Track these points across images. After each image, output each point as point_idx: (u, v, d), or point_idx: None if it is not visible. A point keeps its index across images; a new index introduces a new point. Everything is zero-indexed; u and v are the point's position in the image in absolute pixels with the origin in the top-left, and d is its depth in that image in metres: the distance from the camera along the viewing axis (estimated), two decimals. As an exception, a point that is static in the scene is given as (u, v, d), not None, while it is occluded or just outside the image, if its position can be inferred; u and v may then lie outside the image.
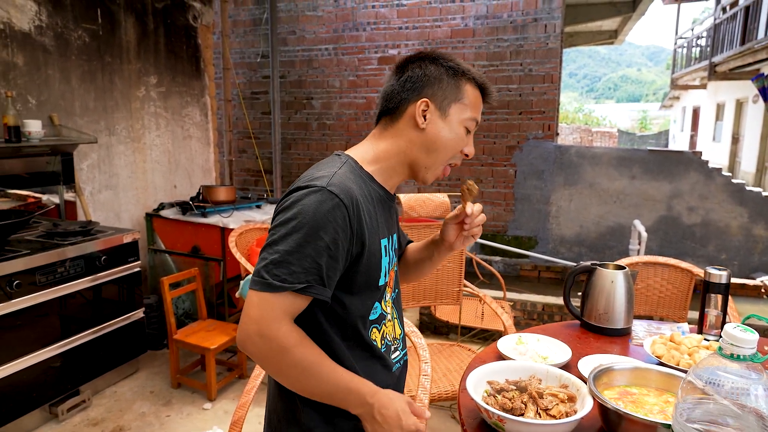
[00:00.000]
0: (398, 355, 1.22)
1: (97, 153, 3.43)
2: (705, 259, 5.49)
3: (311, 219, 0.96)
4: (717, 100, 14.02)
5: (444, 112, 1.10)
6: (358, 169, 1.10)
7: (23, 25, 2.93)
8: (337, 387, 1.01)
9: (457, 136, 1.11)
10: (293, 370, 0.99)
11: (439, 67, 1.11)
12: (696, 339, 1.50)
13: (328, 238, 0.96)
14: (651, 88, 54.18)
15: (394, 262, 1.21)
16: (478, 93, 1.13)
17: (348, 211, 0.99)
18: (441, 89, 1.10)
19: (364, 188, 1.07)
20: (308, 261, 0.96)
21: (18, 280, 2.33)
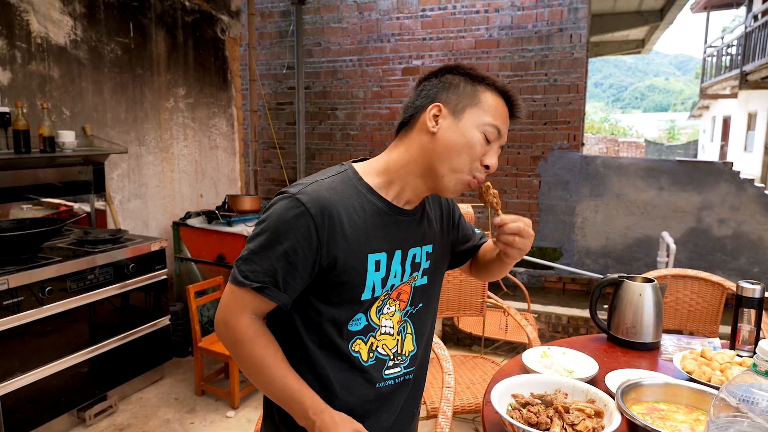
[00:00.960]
0: (397, 372, 1.15)
1: (127, 163, 3.52)
2: (737, 272, 5.34)
3: (274, 224, 0.99)
4: (748, 109, 13.70)
5: (458, 116, 1.03)
6: (355, 180, 1.07)
7: (59, 40, 3.03)
8: (284, 392, 1.02)
9: (472, 141, 1.02)
10: (245, 363, 1.03)
11: (457, 75, 1.07)
12: (728, 355, 1.46)
13: (287, 245, 0.98)
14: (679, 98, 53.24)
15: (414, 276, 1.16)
16: (501, 102, 1.06)
17: (314, 221, 0.98)
18: (456, 94, 1.05)
19: (354, 200, 1.04)
20: (267, 263, 0.99)
21: (50, 286, 2.39)
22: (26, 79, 2.87)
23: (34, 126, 2.76)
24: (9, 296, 2.24)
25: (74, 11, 3.10)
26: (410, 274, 1.15)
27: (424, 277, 1.18)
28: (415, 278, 1.17)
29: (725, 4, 13.70)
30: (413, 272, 1.16)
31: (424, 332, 1.20)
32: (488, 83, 1.06)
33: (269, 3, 6.54)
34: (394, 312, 1.13)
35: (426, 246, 1.18)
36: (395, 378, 1.15)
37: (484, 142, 1.04)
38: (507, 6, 5.60)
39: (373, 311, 1.10)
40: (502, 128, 1.05)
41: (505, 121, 1.07)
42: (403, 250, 1.12)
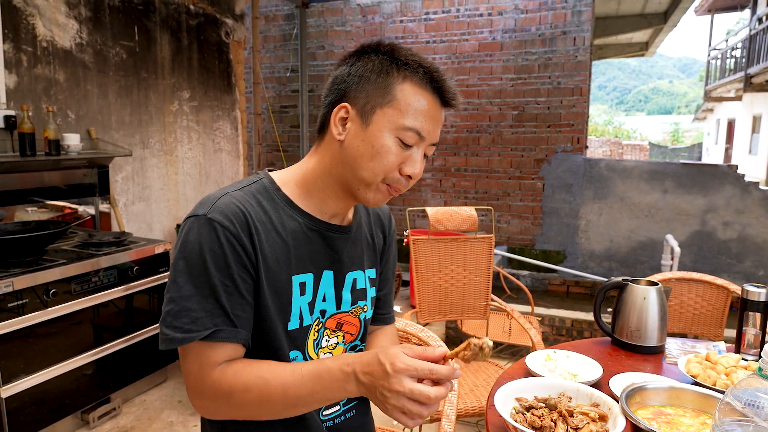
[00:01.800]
0: (336, 412, 1.02)
1: (132, 165, 3.53)
2: (742, 275, 5.32)
3: (195, 257, 0.84)
4: (753, 112, 13.66)
5: (366, 119, 0.87)
6: (272, 190, 0.93)
7: (65, 43, 3.05)
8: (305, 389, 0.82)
9: (383, 151, 0.86)
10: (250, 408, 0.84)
11: (368, 62, 0.89)
12: (734, 358, 1.45)
13: (220, 274, 0.84)
14: (683, 101, 53.15)
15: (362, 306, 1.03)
16: (425, 93, 0.87)
17: (234, 236, 0.85)
18: (365, 90, 0.87)
19: (272, 213, 0.91)
20: (208, 302, 0.83)
21: (54, 288, 2.39)
22: (32, 82, 2.89)
23: (39, 129, 2.77)
24: (14, 298, 2.25)
25: (79, 15, 3.12)
26: (352, 302, 1.01)
27: (372, 308, 1.06)
28: (365, 308, 1.04)
29: (729, 6, 13.67)
30: (357, 300, 1.02)
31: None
32: (407, 71, 0.87)
33: (273, 6, 6.57)
34: (335, 344, 1.00)
35: (369, 270, 1.05)
36: (334, 418, 1.03)
37: (400, 148, 0.88)
38: (510, 9, 5.60)
39: (310, 346, 0.96)
40: (425, 128, 0.88)
41: (432, 117, 0.89)
42: (335, 272, 0.98)
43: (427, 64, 0.89)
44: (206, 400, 0.86)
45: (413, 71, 0.88)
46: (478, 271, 2.64)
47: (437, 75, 0.88)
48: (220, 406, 0.85)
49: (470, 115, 5.89)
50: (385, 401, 0.76)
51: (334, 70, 0.94)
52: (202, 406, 0.87)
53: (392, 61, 0.88)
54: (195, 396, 0.86)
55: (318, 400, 0.83)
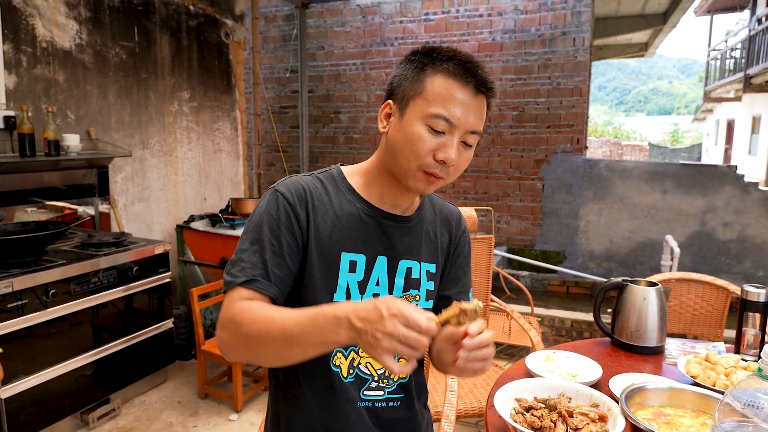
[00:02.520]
0: (378, 395, 1.05)
1: (131, 166, 3.53)
2: (741, 276, 5.32)
3: (258, 217, 0.99)
4: (753, 112, 13.66)
5: (402, 112, 0.96)
6: (339, 179, 1.06)
7: (64, 44, 3.05)
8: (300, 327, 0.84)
9: (414, 138, 0.93)
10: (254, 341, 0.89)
11: (409, 63, 0.98)
12: (733, 359, 1.45)
13: (269, 234, 0.97)
14: (683, 101, 53.17)
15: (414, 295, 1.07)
16: (455, 83, 0.93)
17: (290, 205, 0.98)
18: (402, 87, 0.97)
19: (333, 195, 1.03)
20: (253, 257, 0.96)
21: (54, 289, 2.39)
22: (31, 82, 2.89)
23: (39, 129, 2.77)
24: (13, 299, 2.25)
25: (79, 15, 3.12)
26: (404, 288, 1.06)
27: (429, 300, 1.08)
28: (416, 297, 1.07)
29: (729, 7, 13.68)
30: (409, 288, 1.06)
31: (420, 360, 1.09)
32: (438, 64, 0.94)
33: (273, 7, 6.57)
34: None
35: (427, 264, 1.09)
36: (375, 401, 1.05)
37: (431, 135, 0.93)
38: (510, 10, 5.60)
39: None
40: (453, 114, 0.92)
41: (463, 104, 0.93)
42: (389, 258, 1.04)
43: (459, 56, 0.95)
44: (223, 330, 0.93)
45: (443, 63, 0.94)
46: (477, 271, 2.64)
47: (469, 65, 0.94)
48: (230, 336, 0.92)
49: (470, 115, 5.89)
50: (377, 343, 0.76)
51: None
52: (219, 337, 0.94)
53: (427, 56, 0.96)
54: (218, 327, 0.94)
55: (312, 342, 0.84)
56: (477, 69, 0.94)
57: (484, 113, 0.97)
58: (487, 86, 0.94)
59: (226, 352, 0.95)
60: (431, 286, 1.10)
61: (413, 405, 1.12)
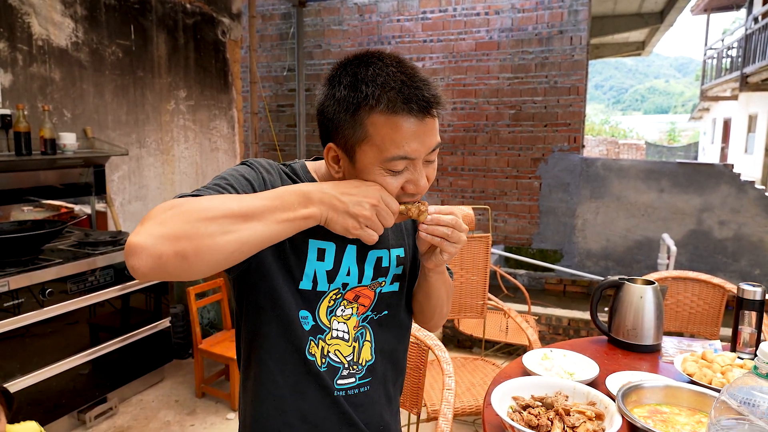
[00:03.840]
0: (351, 383, 1.04)
1: (128, 165, 3.52)
2: (738, 274, 5.34)
3: (228, 170, 0.91)
4: (749, 111, 13.70)
5: (352, 158, 0.87)
6: (302, 172, 1.00)
7: (61, 42, 3.04)
8: (261, 197, 0.78)
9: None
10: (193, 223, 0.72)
11: (333, 100, 0.86)
12: (729, 357, 1.46)
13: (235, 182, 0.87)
14: (679, 100, 53.30)
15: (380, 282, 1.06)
16: (398, 117, 0.82)
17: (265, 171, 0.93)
18: (341, 133, 0.86)
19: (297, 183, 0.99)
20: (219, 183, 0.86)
21: (50, 288, 2.39)
22: (27, 81, 2.88)
23: (35, 128, 2.76)
24: (9, 298, 2.24)
25: (75, 13, 3.11)
26: (372, 277, 1.04)
27: (394, 283, 1.08)
28: (382, 284, 1.06)
29: (725, 6, 13.71)
30: (378, 276, 1.05)
31: (388, 342, 1.08)
32: (370, 102, 0.82)
33: (270, 5, 6.56)
34: (350, 316, 1.02)
35: (395, 249, 1.07)
36: (348, 389, 1.04)
37: (393, 177, 0.86)
38: (507, 8, 5.61)
39: (323, 311, 0.99)
40: (411, 149, 0.84)
41: (415, 135, 0.83)
42: (358, 247, 1.01)
43: (392, 82, 0.82)
44: (144, 223, 0.73)
45: (377, 101, 0.82)
46: (475, 270, 2.64)
47: (408, 90, 0.82)
48: (164, 212, 0.73)
49: (467, 114, 5.89)
50: (360, 211, 0.80)
51: (316, 98, 0.93)
52: (137, 231, 0.72)
53: (354, 93, 0.83)
54: (137, 227, 0.73)
55: (274, 216, 0.76)
56: (415, 90, 0.82)
57: (437, 127, 0.88)
58: (431, 105, 0.83)
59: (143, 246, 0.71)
60: (400, 271, 1.08)
61: (381, 386, 1.10)
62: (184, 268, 0.72)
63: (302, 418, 1.00)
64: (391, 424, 1.14)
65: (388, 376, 1.10)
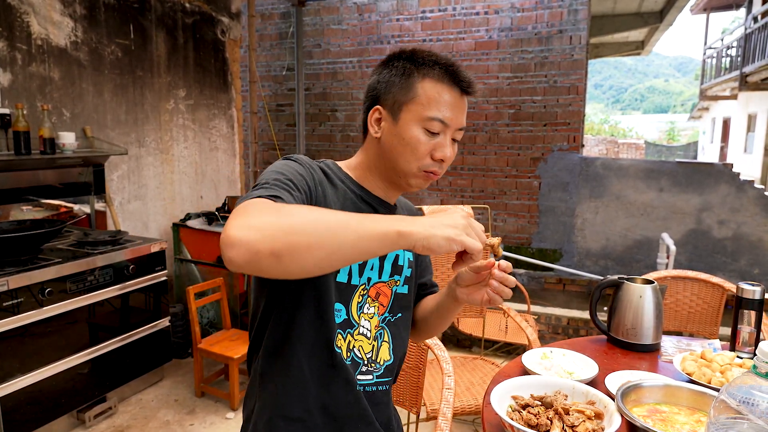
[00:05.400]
0: (368, 379, 1.08)
1: (127, 164, 3.52)
2: (737, 273, 5.34)
3: (278, 168, 0.95)
4: (748, 110, 13.71)
5: (395, 117, 1.00)
6: (335, 168, 1.08)
7: (60, 41, 3.03)
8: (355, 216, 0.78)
9: (413, 141, 0.99)
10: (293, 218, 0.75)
11: (392, 69, 1.02)
12: (728, 356, 1.46)
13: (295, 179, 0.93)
14: (679, 99, 53.30)
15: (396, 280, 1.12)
16: (443, 86, 0.99)
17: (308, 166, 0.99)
18: (392, 93, 1.01)
19: (335, 180, 1.04)
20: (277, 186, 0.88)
21: (49, 287, 2.39)
22: (27, 80, 2.87)
23: (34, 127, 2.76)
24: (9, 297, 2.24)
25: (75, 13, 3.11)
26: (391, 275, 1.11)
27: (405, 285, 1.14)
28: (397, 282, 1.13)
29: (725, 5, 13.71)
30: (394, 274, 1.11)
31: (400, 344, 1.14)
32: (425, 70, 1.00)
33: (269, 5, 6.55)
34: (373, 314, 1.09)
35: (408, 252, 1.14)
36: (366, 386, 1.08)
37: (428, 137, 0.99)
38: (507, 8, 5.60)
39: (354, 306, 1.05)
40: (448, 116, 0.99)
41: (453, 105, 1.00)
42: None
43: (442, 60, 1.01)
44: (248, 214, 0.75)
45: (430, 68, 0.99)
46: (474, 269, 2.64)
47: (452, 68, 1.00)
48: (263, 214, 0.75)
49: (467, 113, 5.89)
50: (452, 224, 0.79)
51: (369, 81, 1.08)
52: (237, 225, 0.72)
53: (412, 63, 1.01)
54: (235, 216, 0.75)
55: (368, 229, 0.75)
56: (460, 72, 1.01)
57: (466, 110, 1.05)
58: (471, 87, 1.02)
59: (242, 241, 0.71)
60: (409, 273, 1.16)
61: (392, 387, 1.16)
62: (277, 267, 0.73)
63: (323, 408, 1.02)
64: (395, 425, 1.17)
65: (396, 377, 1.17)
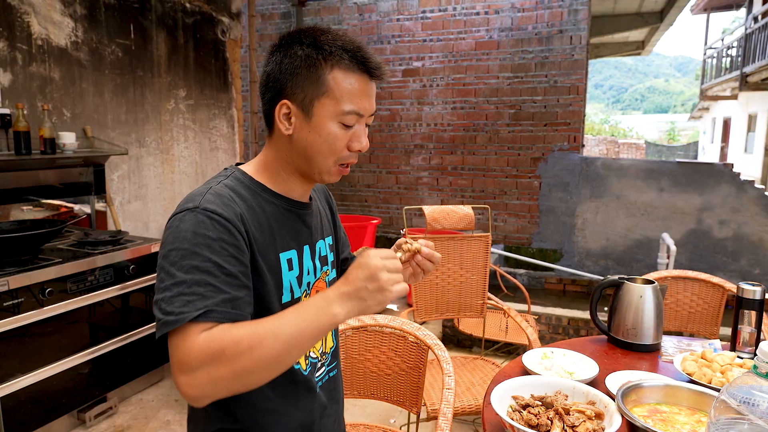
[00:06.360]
0: (322, 372, 1.13)
1: (128, 164, 3.52)
2: (737, 273, 5.34)
3: (191, 243, 0.84)
4: (749, 110, 13.71)
5: (308, 113, 0.94)
6: (246, 180, 1.00)
7: (60, 41, 3.04)
8: (291, 324, 0.81)
9: (330, 137, 0.94)
10: (243, 360, 0.78)
11: (294, 57, 0.93)
12: (729, 356, 1.46)
13: (216, 257, 0.85)
14: (679, 99, 53.30)
15: (325, 271, 1.13)
16: (355, 75, 0.93)
17: (233, 224, 0.88)
18: (299, 86, 0.93)
19: (251, 201, 0.97)
20: (201, 286, 0.83)
21: (50, 287, 2.39)
22: (27, 80, 2.87)
23: (34, 127, 2.76)
24: (9, 297, 2.24)
25: (75, 13, 3.11)
26: (321, 268, 1.12)
27: (333, 270, 1.17)
28: (327, 273, 1.14)
29: (725, 5, 13.71)
30: (323, 266, 1.13)
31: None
32: (333, 59, 0.92)
33: (270, 5, 6.55)
34: None
35: (327, 238, 1.16)
36: (322, 378, 1.13)
37: (344, 131, 0.96)
38: (507, 8, 5.60)
39: None
40: (362, 107, 0.95)
41: (365, 94, 0.96)
42: (310, 245, 1.08)
43: (349, 46, 0.94)
44: (195, 370, 0.79)
45: (339, 58, 0.93)
46: (474, 269, 2.64)
47: (360, 54, 0.94)
48: (210, 369, 0.78)
49: (467, 113, 5.89)
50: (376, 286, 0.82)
51: (265, 66, 0.99)
52: (189, 383, 0.79)
53: (317, 50, 0.93)
54: (182, 371, 0.80)
55: (308, 335, 0.81)
56: (370, 57, 0.95)
57: (375, 94, 1.00)
58: (380, 70, 0.97)
59: (202, 397, 0.81)
60: (332, 257, 1.18)
61: (338, 364, 1.21)
62: (238, 393, 0.83)
63: (302, 426, 1.06)
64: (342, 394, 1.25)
65: (338, 353, 1.21)
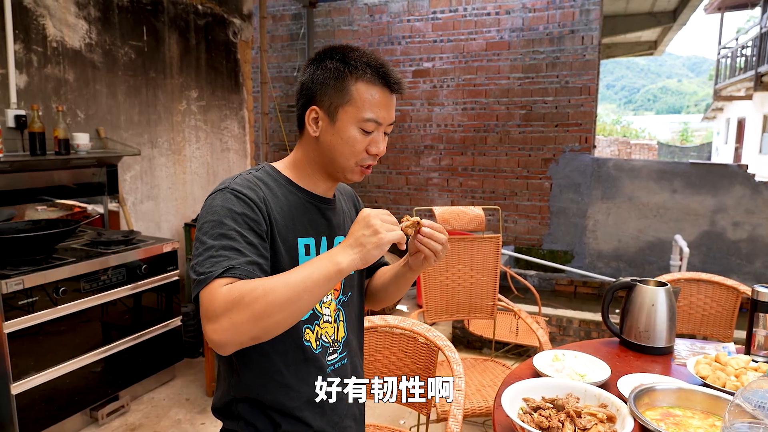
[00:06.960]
0: (335, 358, 1.21)
1: (140, 165, 3.55)
2: (752, 276, 5.27)
3: (219, 215, 1.00)
4: (764, 111, 13.54)
5: (332, 118, 1.08)
6: (274, 173, 1.14)
7: (74, 43, 3.07)
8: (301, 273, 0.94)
9: (351, 141, 1.07)
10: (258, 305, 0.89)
11: (325, 70, 1.08)
12: (743, 360, 1.44)
13: (240, 228, 0.99)
14: (692, 100, 52.75)
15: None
16: (376, 88, 1.07)
17: (254, 202, 1.02)
18: (327, 94, 1.07)
19: (276, 190, 1.10)
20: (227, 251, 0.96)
21: (63, 287, 2.41)
22: (42, 82, 2.91)
23: (49, 128, 2.79)
24: (24, 296, 2.27)
25: (89, 15, 3.14)
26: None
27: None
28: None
29: (740, 4, 13.55)
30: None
31: (353, 319, 1.26)
32: (357, 72, 1.06)
33: (281, 6, 6.58)
34: (330, 301, 1.19)
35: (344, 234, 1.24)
36: (335, 363, 1.20)
37: (363, 135, 1.08)
38: (518, 8, 5.58)
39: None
40: (381, 116, 1.08)
41: (385, 105, 1.09)
42: (328, 237, 1.18)
43: (373, 62, 1.07)
44: (219, 317, 0.90)
45: (362, 72, 1.06)
46: (485, 270, 2.64)
47: (382, 69, 1.08)
48: (232, 315, 0.89)
49: (477, 114, 5.87)
50: (371, 231, 0.95)
51: (300, 77, 1.14)
52: (215, 329, 0.90)
53: (344, 65, 1.07)
54: (209, 319, 0.91)
55: (315, 281, 0.93)
56: (390, 72, 1.08)
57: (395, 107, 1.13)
58: (399, 86, 1.10)
59: (227, 342, 0.91)
60: None
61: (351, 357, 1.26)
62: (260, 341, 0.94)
63: (309, 402, 1.12)
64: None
65: (354, 347, 1.28)
